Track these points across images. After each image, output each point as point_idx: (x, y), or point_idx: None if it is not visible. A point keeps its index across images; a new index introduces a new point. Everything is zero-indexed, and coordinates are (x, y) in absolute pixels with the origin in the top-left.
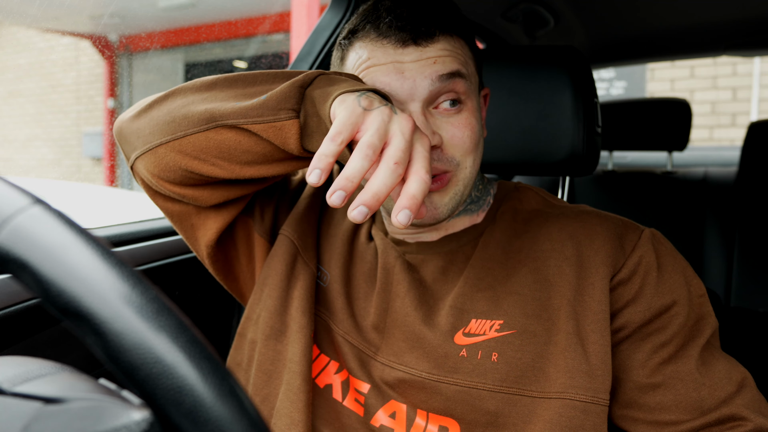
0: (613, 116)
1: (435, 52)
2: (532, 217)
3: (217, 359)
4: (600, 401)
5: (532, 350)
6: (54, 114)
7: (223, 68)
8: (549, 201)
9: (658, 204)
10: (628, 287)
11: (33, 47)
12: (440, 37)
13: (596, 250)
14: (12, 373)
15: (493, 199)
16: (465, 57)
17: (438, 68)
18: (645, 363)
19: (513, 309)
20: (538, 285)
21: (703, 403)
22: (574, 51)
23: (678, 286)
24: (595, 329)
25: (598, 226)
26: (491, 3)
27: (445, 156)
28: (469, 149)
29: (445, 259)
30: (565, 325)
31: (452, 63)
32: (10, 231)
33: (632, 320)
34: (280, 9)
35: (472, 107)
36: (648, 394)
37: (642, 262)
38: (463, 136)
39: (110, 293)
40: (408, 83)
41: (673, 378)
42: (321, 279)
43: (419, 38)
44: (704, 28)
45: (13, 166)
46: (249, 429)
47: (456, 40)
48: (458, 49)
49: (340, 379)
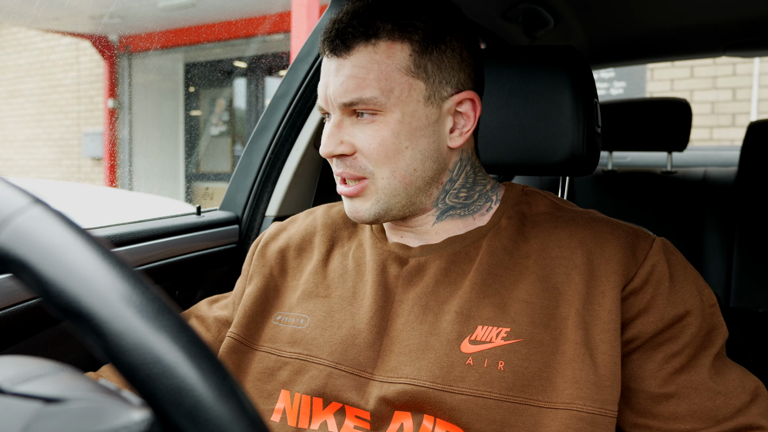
0: (613, 116)
1: (348, 68)
2: (541, 221)
3: (217, 359)
4: (608, 413)
5: (540, 359)
6: (54, 114)
7: (223, 68)
8: (558, 205)
9: (657, 204)
10: (640, 297)
11: (33, 47)
12: (359, 49)
13: (607, 258)
14: (12, 373)
15: (501, 201)
16: (389, 69)
17: (342, 92)
18: (657, 373)
19: (520, 317)
20: (547, 293)
21: (718, 412)
22: (574, 51)
23: (691, 296)
24: (604, 339)
25: (609, 234)
26: (491, 3)
27: (357, 163)
28: (380, 160)
29: (448, 260)
30: (573, 334)
31: (356, 88)
32: (10, 231)
33: (645, 330)
34: (280, 9)
35: (390, 119)
36: (662, 404)
37: (654, 271)
38: (369, 147)
39: (110, 293)
40: (327, 96)
41: (686, 387)
42: (298, 324)
43: (337, 50)
44: (704, 28)
45: (13, 166)
46: (249, 429)
47: (384, 49)
48: (378, 61)
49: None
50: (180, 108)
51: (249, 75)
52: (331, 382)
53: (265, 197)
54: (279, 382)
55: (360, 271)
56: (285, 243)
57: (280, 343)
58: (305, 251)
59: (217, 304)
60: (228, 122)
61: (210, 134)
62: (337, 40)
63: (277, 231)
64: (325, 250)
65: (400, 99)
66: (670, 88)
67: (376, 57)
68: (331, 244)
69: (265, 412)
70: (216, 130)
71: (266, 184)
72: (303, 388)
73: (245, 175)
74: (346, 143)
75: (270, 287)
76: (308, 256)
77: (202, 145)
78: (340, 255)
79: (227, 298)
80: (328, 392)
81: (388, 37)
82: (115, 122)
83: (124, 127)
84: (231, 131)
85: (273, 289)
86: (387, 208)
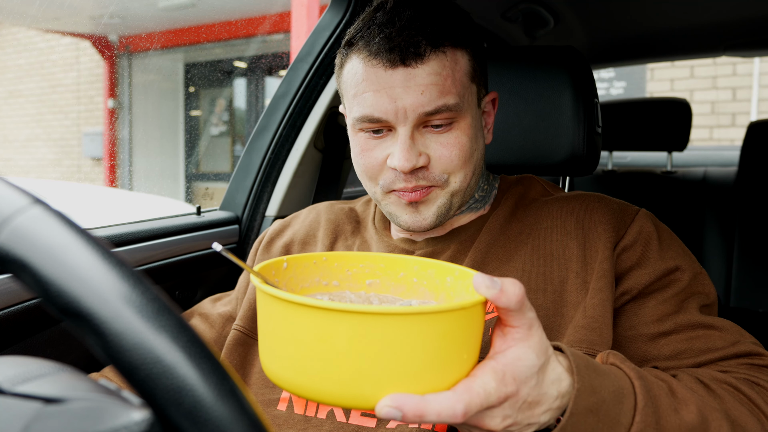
0: (613, 116)
1: (423, 77)
2: (533, 203)
3: (217, 359)
4: (596, 353)
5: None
6: (54, 114)
7: (223, 68)
8: (549, 191)
9: (657, 204)
10: (632, 253)
11: (33, 47)
12: (431, 57)
13: (597, 221)
14: (12, 373)
15: (498, 190)
16: (459, 75)
17: (424, 101)
18: (651, 315)
19: None
20: (542, 260)
21: (715, 344)
22: (574, 51)
23: (680, 254)
24: (595, 287)
25: (597, 202)
26: (491, 3)
27: (431, 174)
28: (457, 167)
29: (453, 249)
30: (573, 297)
31: (439, 96)
32: (10, 231)
33: (638, 282)
34: (280, 9)
35: (464, 124)
36: (660, 342)
37: (642, 231)
38: (450, 156)
39: (110, 293)
40: (397, 109)
41: (681, 325)
42: None
43: (407, 59)
44: (704, 28)
45: (13, 166)
46: (249, 429)
47: (450, 56)
48: (450, 68)
49: None
50: (180, 108)
51: (249, 75)
52: None
53: (265, 197)
54: None
55: None
56: (290, 238)
57: None
58: (309, 245)
59: (220, 302)
60: (228, 122)
61: (210, 134)
62: (407, 50)
63: (281, 227)
64: (329, 242)
65: (468, 104)
66: (670, 88)
67: (447, 63)
68: (334, 237)
69: (271, 401)
70: (216, 130)
71: (266, 184)
72: None
73: (245, 175)
74: (423, 155)
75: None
76: (312, 249)
77: (202, 145)
78: (345, 248)
79: (230, 295)
80: None
81: (451, 44)
82: (115, 122)
83: (124, 127)
84: (231, 131)
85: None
86: (448, 209)
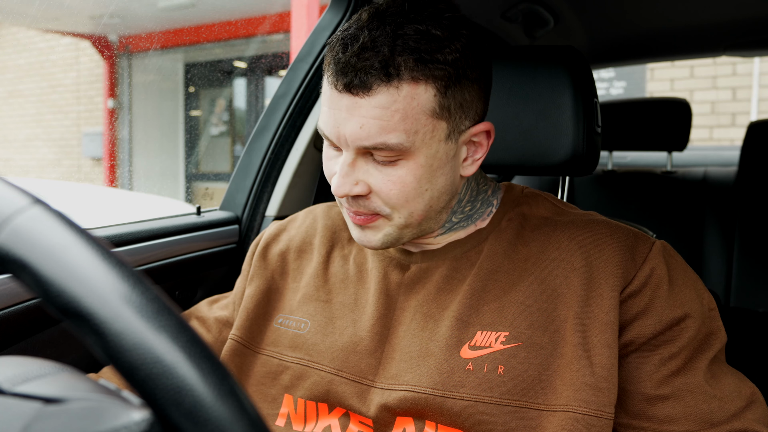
0: (613, 116)
1: (367, 110)
2: (541, 225)
3: (217, 359)
4: (604, 415)
5: (538, 363)
6: (54, 114)
7: (222, 68)
8: (559, 208)
9: (657, 204)
10: (638, 299)
11: (33, 47)
12: (380, 90)
13: (606, 261)
14: (12, 373)
15: (500, 203)
16: (414, 112)
17: (362, 135)
18: (653, 375)
19: (519, 320)
20: (545, 296)
21: (713, 416)
22: (574, 51)
23: (689, 299)
24: (602, 341)
25: (609, 236)
26: (491, 3)
27: (372, 204)
28: (398, 204)
29: (450, 266)
30: (571, 337)
31: (378, 132)
32: (10, 231)
33: (643, 333)
34: (280, 9)
35: (413, 163)
36: (656, 405)
37: (653, 274)
38: (389, 192)
39: (110, 293)
40: (339, 134)
41: (682, 390)
42: (299, 328)
43: (353, 87)
44: (704, 28)
45: (13, 166)
46: (249, 429)
47: (406, 91)
48: (402, 103)
49: (337, 416)
50: (180, 108)
51: (249, 75)
52: (333, 389)
53: (265, 197)
54: (282, 386)
55: (361, 278)
56: (285, 245)
57: (281, 347)
58: (305, 252)
59: (217, 305)
60: (228, 122)
61: (210, 134)
62: (354, 78)
63: (277, 231)
64: (325, 251)
65: (423, 141)
66: (670, 88)
67: (398, 99)
68: (330, 245)
69: (269, 416)
70: (216, 130)
71: (266, 184)
72: (306, 393)
73: (245, 175)
74: (361, 183)
75: (271, 290)
76: (308, 257)
77: (202, 145)
78: (341, 258)
79: (227, 299)
80: (332, 398)
81: (410, 77)
82: (114, 122)
83: (123, 127)
84: (231, 131)
85: (274, 291)
86: (398, 238)
